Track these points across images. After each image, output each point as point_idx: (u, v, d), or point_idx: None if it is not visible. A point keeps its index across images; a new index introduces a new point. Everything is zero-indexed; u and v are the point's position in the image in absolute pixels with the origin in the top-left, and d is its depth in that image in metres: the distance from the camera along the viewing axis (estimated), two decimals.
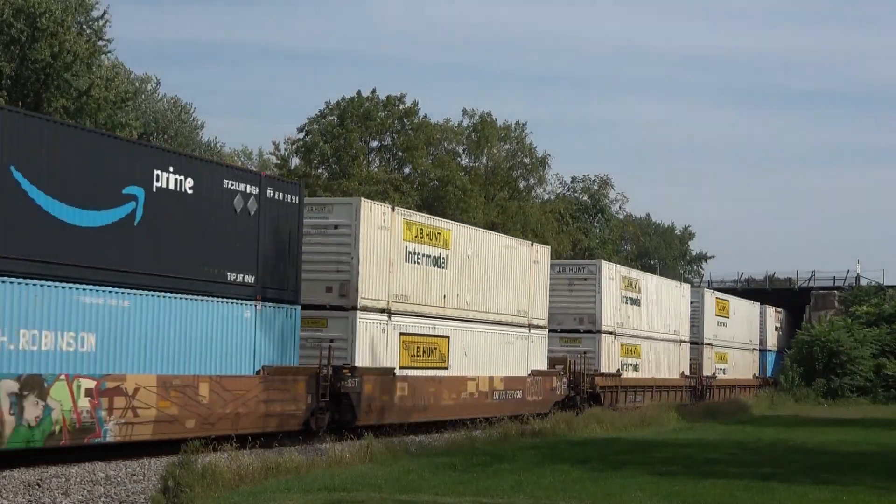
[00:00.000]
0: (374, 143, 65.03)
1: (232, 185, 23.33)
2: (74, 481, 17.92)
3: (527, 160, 73.28)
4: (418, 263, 29.81)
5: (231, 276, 23.18)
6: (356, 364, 26.84)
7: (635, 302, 45.65)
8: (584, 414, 33.25)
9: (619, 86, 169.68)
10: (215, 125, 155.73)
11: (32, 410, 18.61)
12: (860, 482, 19.63)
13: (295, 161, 63.38)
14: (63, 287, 19.30)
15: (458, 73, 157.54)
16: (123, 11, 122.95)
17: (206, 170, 22.92)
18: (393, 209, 29.27)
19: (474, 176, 68.18)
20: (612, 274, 43.17)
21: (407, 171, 65.53)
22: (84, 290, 19.75)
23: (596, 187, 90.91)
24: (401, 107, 64.22)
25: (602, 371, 41.71)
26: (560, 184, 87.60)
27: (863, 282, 76.93)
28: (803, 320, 70.60)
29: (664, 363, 49.29)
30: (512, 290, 34.80)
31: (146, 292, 21.02)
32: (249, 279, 23.61)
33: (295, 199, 25.08)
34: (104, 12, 48.64)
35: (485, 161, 71.18)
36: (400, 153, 64.93)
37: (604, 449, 25.03)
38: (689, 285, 57.50)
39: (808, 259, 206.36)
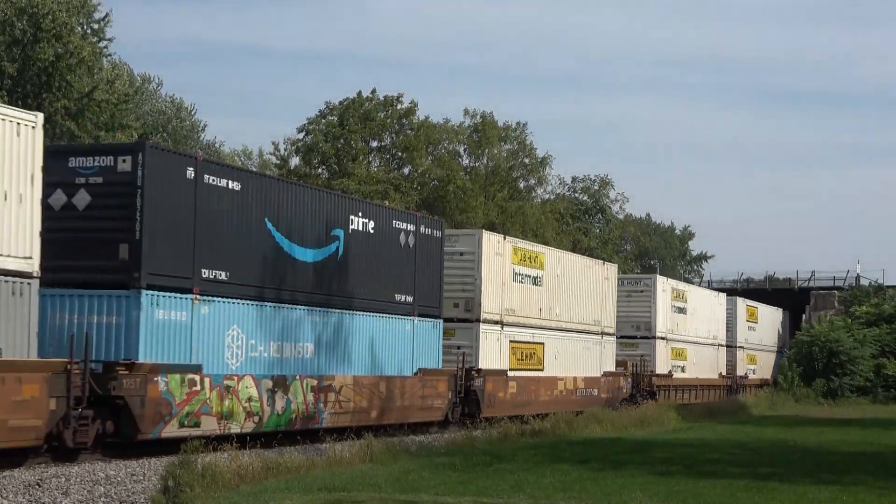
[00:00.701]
0: (374, 144, 65.02)
1: (398, 224, 29.58)
2: (74, 481, 17.92)
3: (527, 160, 73.25)
4: (522, 282, 35.85)
5: (398, 297, 29.39)
6: (480, 367, 32.89)
7: (682, 311, 51.65)
8: (584, 414, 33.60)
9: (619, 86, 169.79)
10: (215, 125, 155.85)
11: (280, 402, 24.69)
12: (860, 482, 19.62)
13: (295, 161, 63.38)
14: (294, 308, 25.28)
15: (458, 73, 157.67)
16: (124, 11, 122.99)
17: (381, 213, 29.25)
18: (504, 238, 35.37)
19: (475, 176, 68.16)
20: (664, 286, 49.30)
21: (406, 170, 65.50)
22: (307, 310, 25.75)
23: (596, 187, 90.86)
24: (399, 107, 64.19)
25: (657, 372, 47.55)
26: (560, 184, 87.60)
27: (863, 282, 76.96)
28: (803, 320, 70.65)
29: (706, 364, 55.61)
30: (589, 302, 40.81)
31: (344, 311, 27.05)
32: (409, 299, 29.85)
33: (438, 234, 31.43)
34: (106, 14, 48.72)
35: (485, 161, 71.16)
36: (399, 153, 64.91)
37: (604, 449, 25.03)
38: (725, 294, 62.17)
39: (808, 259, 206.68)
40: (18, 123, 18.83)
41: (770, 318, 70.01)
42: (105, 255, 21.33)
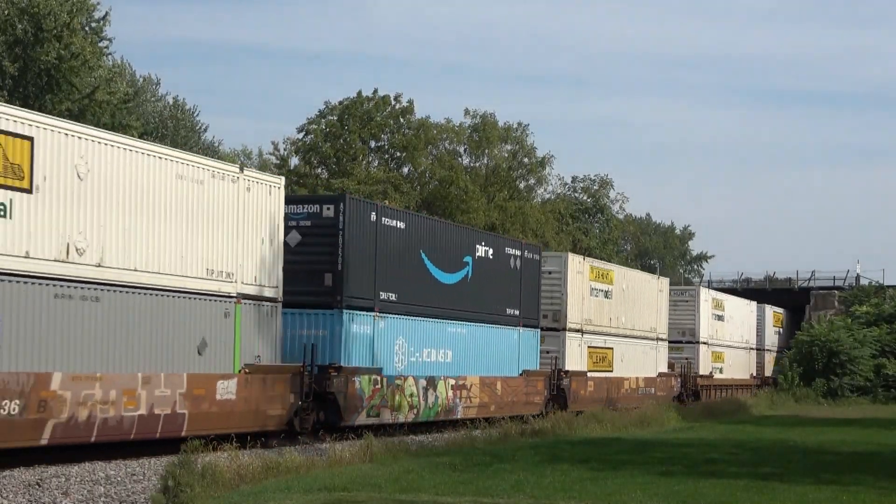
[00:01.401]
0: (374, 143, 65.00)
1: (509, 250, 35.63)
2: (74, 481, 17.93)
3: (526, 160, 73.25)
4: (597, 296, 41.52)
5: (508, 311, 35.22)
6: (566, 369, 38.66)
7: (721, 318, 57.60)
8: (584, 414, 33.85)
9: (619, 86, 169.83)
10: (215, 125, 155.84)
11: (430, 398, 30.69)
12: (860, 482, 19.62)
13: (294, 161, 63.40)
14: (439, 322, 31.21)
15: (457, 73, 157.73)
16: (123, 11, 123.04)
17: (498, 242, 35.58)
18: (584, 258, 41.60)
19: (475, 176, 68.16)
20: (706, 296, 55.57)
21: (406, 170, 65.48)
22: (448, 323, 31.77)
23: (596, 187, 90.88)
24: (397, 106, 64.17)
25: (700, 373, 53.67)
26: (560, 184, 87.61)
27: (863, 282, 76.95)
28: (803, 320, 70.65)
29: (740, 366, 61.61)
30: (647, 311, 46.55)
31: (472, 323, 33.00)
32: (516, 312, 35.65)
33: (537, 257, 37.43)
34: (106, 13, 48.71)
35: (486, 161, 71.16)
36: (398, 153, 64.89)
37: (604, 449, 25.03)
38: (756, 303, 66.45)
39: (808, 259, 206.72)
40: (270, 186, 24.89)
41: (790, 322, 74.56)
42: (315, 283, 26.91)
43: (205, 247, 22.81)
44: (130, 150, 21.18)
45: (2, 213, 18.45)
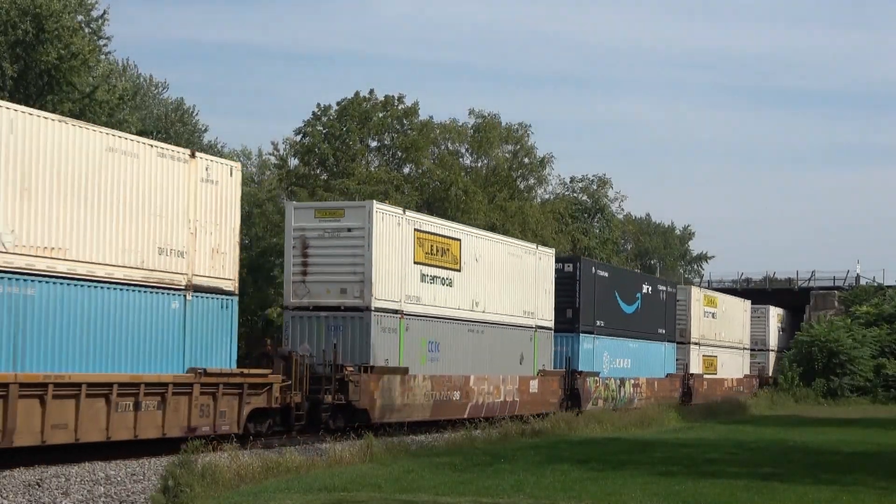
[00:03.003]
0: (374, 143, 64.97)
1: (660, 287, 49.53)
2: (74, 481, 17.92)
3: (526, 160, 73.21)
4: (706, 317, 56.00)
5: (659, 330, 48.69)
6: (692, 372, 53.38)
7: (784, 330, 72.15)
8: (584, 414, 33.81)
9: (619, 86, 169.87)
10: (215, 125, 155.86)
11: (622, 392, 44.36)
12: (860, 482, 19.62)
13: (294, 161, 63.38)
14: (624, 339, 44.86)
15: (457, 73, 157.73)
16: (123, 11, 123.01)
17: (654, 281, 50.19)
18: (700, 286, 59.78)
19: (475, 176, 68.13)
20: (773, 314, 69.93)
21: (407, 170, 65.45)
22: (629, 340, 45.37)
23: (595, 187, 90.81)
24: (400, 107, 64.15)
25: (770, 375, 67.33)
26: (560, 183, 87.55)
27: (863, 282, 76.91)
28: (803, 320, 70.64)
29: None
30: (736, 327, 61.43)
31: (641, 340, 46.63)
32: (663, 331, 49.11)
33: (673, 290, 51.28)
34: (104, 12, 48.68)
35: (486, 161, 71.12)
36: (399, 153, 64.86)
37: (604, 449, 25.02)
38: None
39: (808, 259, 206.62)
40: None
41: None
42: (561, 315, 39.68)
43: (522, 298, 36.75)
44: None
45: (449, 284, 32.04)
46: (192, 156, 23.21)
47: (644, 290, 46.83)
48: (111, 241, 21.02)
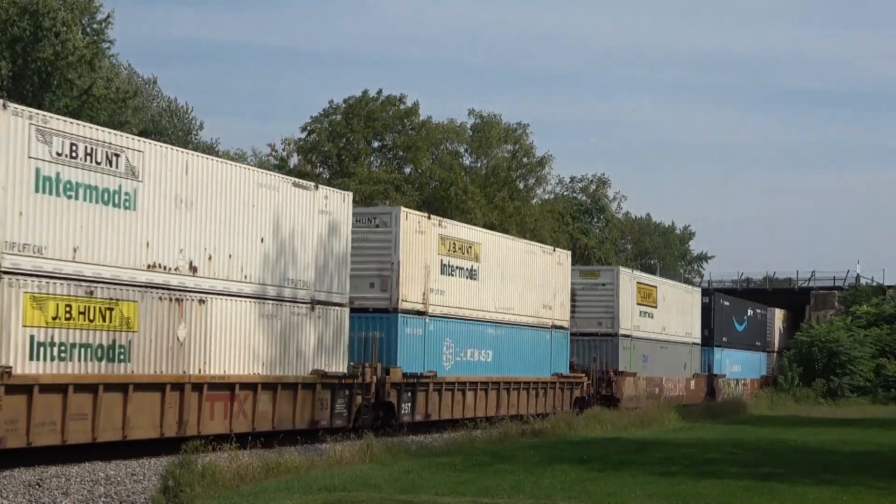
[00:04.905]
0: (376, 143, 65.01)
1: (758, 310, 64.01)
2: (74, 481, 17.91)
3: (525, 160, 73.24)
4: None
5: (756, 343, 62.86)
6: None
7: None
8: (585, 414, 33.78)
9: (618, 86, 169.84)
10: (215, 125, 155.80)
11: (739, 388, 59.28)
12: (860, 482, 19.61)
13: (294, 161, 63.38)
14: (738, 351, 60.59)
15: (457, 73, 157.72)
16: (123, 11, 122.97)
17: (754, 306, 62.86)
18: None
19: (475, 176, 68.18)
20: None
21: (408, 170, 65.48)
22: (740, 351, 61.20)
23: (594, 187, 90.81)
24: (401, 107, 64.19)
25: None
26: (559, 183, 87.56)
27: (863, 282, 76.89)
28: (803, 320, 70.58)
29: None
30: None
31: (747, 351, 61.96)
32: (759, 343, 63.24)
33: (764, 312, 65.28)
34: (108, 15, 48.73)
35: (486, 161, 71.15)
36: (401, 153, 64.90)
37: (604, 449, 25.01)
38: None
39: (808, 259, 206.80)
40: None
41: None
42: (700, 333, 53.36)
43: (688, 323, 51.30)
44: None
45: (651, 316, 46.87)
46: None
47: (748, 313, 63.11)
48: None
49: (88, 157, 19.61)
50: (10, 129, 18.28)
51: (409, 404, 29.01)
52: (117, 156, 20.24)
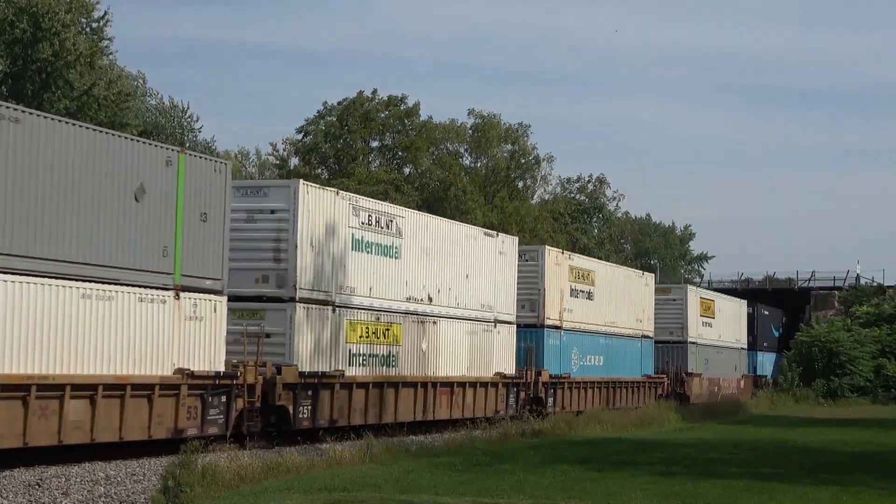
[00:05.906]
0: (375, 144, 65.00)
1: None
2: (74, 481, 17.90)
3: (523, 160, 73.24)
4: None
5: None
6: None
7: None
8: (585, 414, 33.85)
9: (618, 86, 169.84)
10: (215, 125, 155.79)
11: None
12: (860, 482, 19.61)
13: (294, 161, 63.41)
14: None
15: (457, 73, 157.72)
16: (122, 11, 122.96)
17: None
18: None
19: (474, 176, 68.18)
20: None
21: (407, 171, 65.48)
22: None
23: (592, 187, 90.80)
24: (402, 107, 64.18)
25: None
26: (559, 183, 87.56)
27: (863, 282, 76.85)
28: (803, 321, 70.56)
29: None
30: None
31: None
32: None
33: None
34: (105, 13, 48.71)
35: (485, 161, 71.15)
36: (400, 153, 64.89)
37: (604, 449, 25.01)
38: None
39: (808, 259, 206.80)
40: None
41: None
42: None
43: (737, 331, 57.54)
44: None
45: (710, 326, 54.42)
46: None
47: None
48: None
49: (377, 224, 27.66)
50: (338, 209, 26.30)
51: (552, 399, 36.68)
52: (391, 221, 28.27)
